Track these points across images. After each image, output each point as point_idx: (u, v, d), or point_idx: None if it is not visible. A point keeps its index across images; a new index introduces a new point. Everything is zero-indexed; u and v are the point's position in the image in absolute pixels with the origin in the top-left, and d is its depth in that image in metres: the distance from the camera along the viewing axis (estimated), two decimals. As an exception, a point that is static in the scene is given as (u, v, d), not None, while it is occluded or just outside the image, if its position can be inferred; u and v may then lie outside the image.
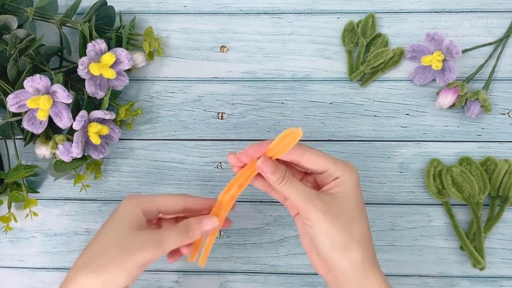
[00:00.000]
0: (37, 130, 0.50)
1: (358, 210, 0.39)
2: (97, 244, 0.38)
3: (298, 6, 0.60)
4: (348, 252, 0.38)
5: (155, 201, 0.40)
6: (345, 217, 0.38)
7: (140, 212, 0.39)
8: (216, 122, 0.57)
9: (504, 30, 0.58)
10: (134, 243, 0.37)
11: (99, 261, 0.37)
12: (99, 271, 0.36)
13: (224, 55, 0.59)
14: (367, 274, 0.38)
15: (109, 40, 0.56)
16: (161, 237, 0.38)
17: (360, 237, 0.39)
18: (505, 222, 0.53)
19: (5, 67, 0.51)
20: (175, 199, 0.41)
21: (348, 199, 0.39)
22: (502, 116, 0.56)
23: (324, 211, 0.38)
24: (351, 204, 0.39)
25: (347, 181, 0.39)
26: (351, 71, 0.57)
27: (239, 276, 0.54)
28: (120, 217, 0.39)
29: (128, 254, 0.37)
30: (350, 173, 0.39)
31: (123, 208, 0.40)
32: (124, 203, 0.40)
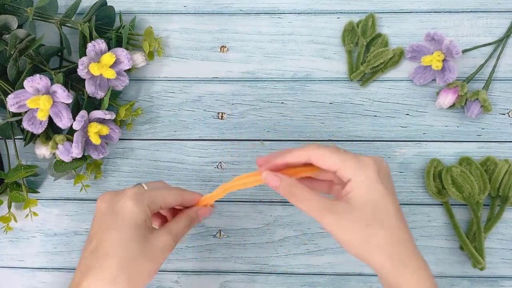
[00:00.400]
0: (37, 130, 0.50)
1: (379, 214, 0.36)
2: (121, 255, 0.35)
3: (298, 6, 0.60)
4: (373, 260, 0.36)
5: (157, 201, 0.39)
6: (361, 226, 0.35)
7: (149, 212, 0.38)
8: (216, 122, 0.57)
9: (504, 30, 0.58)
10: (156, 249, 0.37)
11: (129, 274, 0.35)
12: (129, 283, 0.35)
13: (224, 55, 0.59)
14: (403, 277, 0.35)
15: (109, 40, 0.56)
16: (176, 235, 0.39)
17: (385, 243, 0.35)
18: (505, 222, 0.53)
19: (5, 67, 0.51)
20: (175, 196, 0.41)
21: (365, 205, 0.36)
22: (502, 116, 0.56)
23: (335, 225, 0.36)
24: (369, 213, 0.36)
25: (358, 183, 0.36)
26: (351, 71, 0.57)
27: (239, 276, 0.54)
28: (136, 222, 0.37)
29: (152, 262, 0.37)
30: (362, 172, 0.36)
31: (132, 212, 0.37)
32: (132, 207, 0.37)
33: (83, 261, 0.37)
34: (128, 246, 0.36)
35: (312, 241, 0.54)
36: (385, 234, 0.36)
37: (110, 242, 0.36)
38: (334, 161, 0.37)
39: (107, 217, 0.38)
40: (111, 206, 0.38)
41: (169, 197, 0.40)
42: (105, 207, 0.38)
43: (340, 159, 0.37)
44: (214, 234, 0.55)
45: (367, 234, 0.35)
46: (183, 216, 0.41)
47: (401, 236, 0.36)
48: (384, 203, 0.36)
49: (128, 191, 0.39)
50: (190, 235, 0.54)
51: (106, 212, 0.38)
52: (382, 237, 0.35)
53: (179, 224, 0.40)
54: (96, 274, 0.35)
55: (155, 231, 0.38)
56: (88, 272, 0.35)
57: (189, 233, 0.54)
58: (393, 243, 0.36)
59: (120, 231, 0.36)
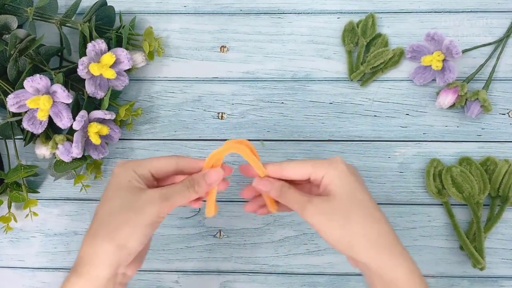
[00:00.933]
0: (37, 130, 0.50)
1: (355, 202, 0.38)
2: (103, 211, 0.37)
3: (298, 6, 0.60)
4: (355, 248, 0.37)
5: (146, 163, 0.39)
6: (341, 216, 0.37)
7: (135, 174, 0.38)
8: (216, 122, 0.57)
9: (504, 30, 0.58)
10: (141, 201, 0.37)
11: (109, 226, 0.36)
12: (110, 236, 0.36)
13: (224, 55, 0.59)
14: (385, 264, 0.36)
15: (109, 40, 0.56)
16: (167, 192, 0.38)
17: (365, 230, 0.37)
18: (505, 222, 0.53)
19: (5, 67, 0.51)
20: (167, 160, 0.40)
21: (340, 194, 0.38)
22: (502, 116, 0.56)
23: (317, 215, 0.38)
24: (345, 200, 0.38)
25: (332, 178, 0.38)
26: (351, 71, 0.57)
27: (239, 276, 0.54)
28: (119, 182, 0.38)
29: (136, 213, 0.36)
30: (333, 169, 0.38)
31: (117, 174, 0.38)
32: (117, 170, 0.38)
33: None
34: (108, 203, 0.37)
35: (312, 241, 0.54)
36: (363, 220, 0.37)
37: (98, 206, 0.38)
38: (305, 168, 0.39)
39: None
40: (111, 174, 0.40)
41: (157, 161, 0.39)
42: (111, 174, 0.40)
43: (310, 165, 0.39)
44: (214, 234, 0.55)
45: (345, 220, 0.37)
46: (182, 183, 0.39)
47: (381, 223, 0.37)
48: (359, 193, 0.38)
49: (119, 160, 0.40)
50: (190, 235, 0.54)
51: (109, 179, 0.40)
52: (361, 222, 0.37)
53: (174, 186, 0.39)
54: (85, 236, 0.37)
55: (144, 189, 0.38)
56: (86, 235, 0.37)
57: (189, 233, 0.54)
58: (379, 233, 0.37)
59: (105, 193, 0.38)
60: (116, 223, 0.36)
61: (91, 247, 0.36)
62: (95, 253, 0.36)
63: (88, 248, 0.36)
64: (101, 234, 0.36)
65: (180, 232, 0.55)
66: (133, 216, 0.36)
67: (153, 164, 0.39)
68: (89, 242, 0.36)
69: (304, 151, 0.56)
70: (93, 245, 0.36)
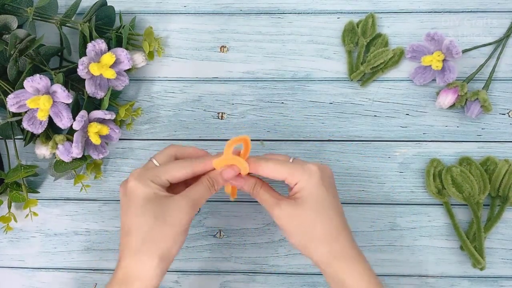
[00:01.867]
0: (37, 130, 0.50)
1: (320, 210, 0.41)
2: (139, 227, 0.39)
3: (298, 6, 0.60)
4: (313, 251, 0.41)
5: (164, 173, 0.41)
6: (303, 223, 0.41)
7: (156, 185, 0.40)
8: (216, 122, 0.57)
9: (504, 30, 0.58)
10: (173, 212, 0.39)
11: (150, 242, 0.38)
12: (153, 251, 0.38)
13: (224, 55, 0.59)
14: (341, 268, 0.40)
15: (109, 40, 0.56)
16: (194, 197, 0.41)
17: (324, 236, 0.41)
18: (505, 222, 0.53)
19: (5, 67, 0.51)
20: (183, 168, 0.42)
21: (307, 202, 0.41)
22: (502, 116, 0.56)
23: (282, 218, 0.41)
24: (311, 207, 0.41)
25: (304, 186, 0.41)
26: (351, 71, 0.57)
27: (239, 276, 0.54)
28: (145, 196, 0.39)
29: (173, 225, 0.39)
30: (308, 178, 0.41)
31: (137, 188, 0.39)
32: (135, 185, 0.40)
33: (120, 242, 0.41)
34: (142, 220, 0.39)
35: (312, 241, 0.54)
36: (324, 227, 0.41)
37: (130, 221, 0.39)
38: (281, 173, 0.42)
39: (123, 199, 0.41)
40: (123, 189, 0.41)
41: (174, 170, 0.41)
42: (121, 191, 0.41)
43: (287, 170, 0.42)
44: (214, 234, 0.55)
45: (308, 226, 0.41)
46: (200, 182, 0.42)
47: (339, 231, 0.41)
48: (326, 202, 0.41)
49: (133, 172, 0.41)
50: (190, 235, 0.54)
51: (122, 196, 0.41)
52: (321, 229, 0.41)
53: (196, 190, 0.41)
54: (126, 252, 0.39)
55: (172, 198, 0.40)
56: (122, 252, 0.40)
57: (189, 233, 0.54)
58: (332, 236, 0.41)
59: (133, 209, 0.39)
60: (156, 238, 0.38)
61: (137, 262, 0.38)
62: (143, 268, 0.38)
63: (134, 264, 0.38)
64: (144, 250, 0.38)
65: (180, 232, 0.55)
66: (170, 229, 0.39)
67: (171, 174, 0.41)
68: (133, 257, 0.38)
69: (304, 151, 0.56)
70: (139, 260, 0.38)
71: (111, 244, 0.55)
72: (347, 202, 0.55)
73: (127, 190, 0.40)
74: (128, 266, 0.38)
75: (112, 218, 0.55)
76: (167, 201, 0.39)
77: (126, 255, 0.39)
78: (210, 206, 0.55)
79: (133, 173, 0.41)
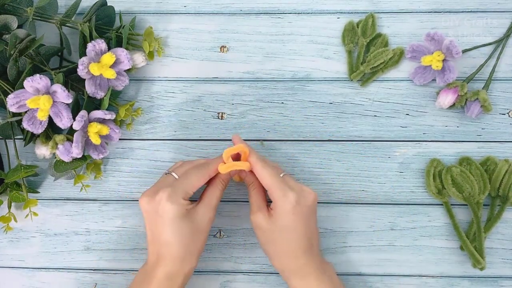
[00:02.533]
0: (37, 130, 0.50)
1: (284, 231, 0.46)
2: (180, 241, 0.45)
3: (298, 6, 0.60)
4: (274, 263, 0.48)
5: (189, 191, 0.46)
6: (270, 235, 0.46)
7: (185, 201, 0.46)
8: (216, 122, 0.57)
9: (504, 30, 0.58)
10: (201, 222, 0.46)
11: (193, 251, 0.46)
12: (195, 256, 0.47)
13: (224, 55, 0.59)
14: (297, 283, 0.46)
15: (109, 40, 0.56)
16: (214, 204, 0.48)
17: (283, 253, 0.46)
18: (505, 222, 0.53)
19: (5, 67, 0.51)
20: (204, 177, 0.47)
21: (277, 222, 0.46)
22: (502, 116, 0.56)
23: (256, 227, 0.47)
24: (278, 226, 0.46)
25: (278, 209, 0.46)
26: (351, 71, 0.57)
27: (239, 276, 0.54)
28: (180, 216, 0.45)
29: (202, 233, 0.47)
30: (282, 204, 0.45)
31: (172, 210, 0.44)
32: (170, 208, 0.44)
33: (151, 250, 0.47)
34: (182, 233, 0.45)
35: (312, 241, 0.54)
36: (284, 246, 0.46)
37: (167, 236, 0.45)
38: (266, 185, 0.47)
39: (154, 216, 0.45)
40: (153, 207, 0.45)
41: (198, 182, 0.47)
42: (148, 208, 0.46)
43: (270, 185, 0.46)
44: (214, 234, 0.55)
45: (272, 241, 0.47)
46: (215, 187, 0.48)
47: (300, 252, 0.46)
48: (291, 227, 0.46)
49: (163, 194, 0.45)
50: (190, 235, 0.54)
51: (151, 212, 0.46)
52: (282, 247, 0.46)
53: (214, 195, 0.48)
54: (169, 258, 0.45)
55: (197, 209, 0.46)
56: (160, 259, 0.45)
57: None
58: (290, 255, 0.46)
59: (171, 226, 0.45)
60: (195, 246, 0.46)
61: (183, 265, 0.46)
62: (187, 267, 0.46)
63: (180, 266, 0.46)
64: (189, 257, 0.46)
65: (180, 232, 0.55)
66: (202, 235, 0.47)
67: (195, 186, 0.47)
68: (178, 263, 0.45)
69: (304, 151, 0.56)
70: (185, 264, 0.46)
71: (111, 244, 0.55)
72: (347, 202, 0.55)
73: (159, 210, 0.45)
74: (173, 269, 0.45)
75: (112, 218, 0.55)
76: (196, 214, 0.46)
77: (170, 261, 0.45)
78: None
79: (164, 193, 0.45)
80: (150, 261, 0.46)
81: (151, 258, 0.46)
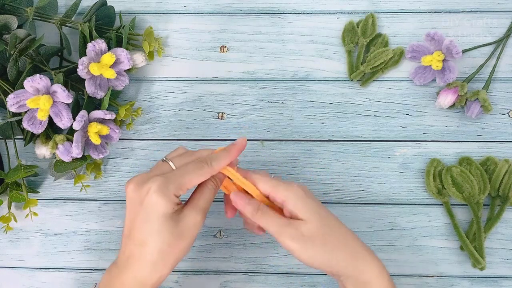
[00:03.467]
0: (37, 130, 0.50)
1: (325, 224, 0.41)
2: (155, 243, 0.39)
3: (298, 6, 0.60)
4: (336, 258, 0.40)
5: (184, 187, 0.40)
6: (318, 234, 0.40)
7: (177, 198, 0.40)
8: (216, 122, 0.57)
9: (504, 30, 0.58)
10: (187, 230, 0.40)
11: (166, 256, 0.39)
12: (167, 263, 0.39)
13: (224, 55, 0.59)
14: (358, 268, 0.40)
15: (109, 40, 0.56)
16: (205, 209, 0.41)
17: (340, 239, 0.41)
18: (505, 222, 0.53)
19: (5, 67, 0.51)
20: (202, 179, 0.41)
21: (310, 220, 0.40)
22: (502, 116, 0.56)
23: (298, 239, 0.40)
24: (317, 223, 0.40)
25: (293, 203, 0.41)
26: (351, 71, 0.57)
27: (239, 276, 0.54)
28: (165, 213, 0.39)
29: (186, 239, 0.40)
30: (292, 192, 0.41)
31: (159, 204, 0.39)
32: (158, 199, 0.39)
33: (123, 246, 0.41)
34: (161, 235, 0.39)
35: (312, 241, 0.54)
36: (339, 239, 0.41)
37: (146, 233, 0.39)
38: (265, 188, 0.42)
39: (136, 206, 0.39)
40: (139, 197, 0.39)
41: (196, 179, 0.41)
42: (134, 196, 0.40)
43: (269, 185, 0.42)
44: (214, 234, 0.55)
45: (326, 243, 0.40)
46: (207, 188, 0.42)
47: (351, 236, 0.42)
48: (323, 212, 0.41)
49: (153, 184, 0.39)
50: (190, 235, 0.54)
51: (135, 201, 0.40)
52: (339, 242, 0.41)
53: (205, 198, 0.42)
54: (139, 262, 0.39)
55: (184, 211, 0.40)
56: (130, 260, 0.40)
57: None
58: (351, 245, 0.41)
59: (152, 223, 0.39)
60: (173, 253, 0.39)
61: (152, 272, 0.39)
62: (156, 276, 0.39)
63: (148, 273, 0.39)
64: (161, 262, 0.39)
65: (180, 232, 0.55)
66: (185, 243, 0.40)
67: (192, 183, 0.41)
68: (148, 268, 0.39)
69: (304, 151, 0.56)
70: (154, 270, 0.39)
71: (111, 244, 0.55)
72: (347, 202, 0.55)
73: (144, 201, 0.39)
74: (141, 274, 0.39)
75: (112, 218, 0.55)
76: (182, 217, 0.40)
77: (138, 265, 0.39)
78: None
79: (154, 183, 0.39)
80: (120, 260, 0.41)
81: (121, 257, 0.40)
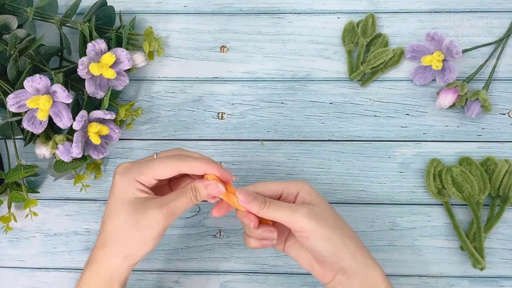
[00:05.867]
0: (37, 130, 0.50)
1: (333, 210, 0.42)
2: (111, 227, 0.39)
3: (298, 6, 0.60)
4: (348, 247, 0.40)
5: (149, 171, 0.40)
6: (330, 217, 0.41)
7: (139, 184, 0.40)
8: (216, 122, 0.57)
9: (504, 30, 0.58)
10: (146, 220, 0.39)
11: (117, 240, 0.39)
12: (119, 250, 0.39)
13: (224, 55, 0.59)
14: (367, 265, 0.40)
15: (109, 40, 0.56)
16: (171, 210, 0.39)
17: (349, 231, 0.42)
18: (505, 222, 0.53)
19: (5, 67, 0.51)
20: (169, 166, 0.40)
21: (323, 205, 0.41)
22: (502, 116, 0.56)
23: (313, 216, 0.39)
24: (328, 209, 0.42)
25: (308, 192, 0.42)
26: (351, 71, 0.57)
27: (239, 276, 0.54)
28: (123, 196, 0.39)
29: (144, 230, 0.39)
30: (307, 186, 0.42)
31: (120, 185, 0.40)
32: (119, 181, 0.40)
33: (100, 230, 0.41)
34: (116, 219, 0.39)
35: (312, 241, 0.54)
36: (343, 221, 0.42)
37: (106, 213, 0.40)
38: (277, 187, 0.42)
39: (111, 188, 0.41)
40: (112, 179, 0.41)
41: (160, 169, 0.40)
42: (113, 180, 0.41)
43: (281, 184, 0.42)
44: (214, 234, 0.55)
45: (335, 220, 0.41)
46: (182, 196, 0.40)
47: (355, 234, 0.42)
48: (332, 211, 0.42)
49: (119, 166, 0.41)
50: (190, 235, 0.54)
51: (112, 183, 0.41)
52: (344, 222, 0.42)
53: (175, 202, 0.40)
54: (98, 241, 0.40)
55: (148, 203, 0.39)
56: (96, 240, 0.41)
57: (189, 233, 0.54)
58: (356, 245, 0.41)
59: (111, 203, 0.40)
60: (125, 240, 0.39)
61: (102, 254, 0.40)
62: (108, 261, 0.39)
63: (100, 254, 0.40)
64: (112, 247, 0.39)
65: (180, 232, 0.55)
66: (141, 234, 0.39)
67: (156, 172, 0.40)
68: (101, 249, 0.40)
69: (304, 151, 0.56)
70: (104, 253, 0.39)
71: (111, 244, 0.55)
72: (347, 202, 0.55)
73: (113, 181, 0.40)
74: (97, 254, 0.40)
75: (112, 218, 0.55)
76: (144, 208, 0.39)
77: (97, 243, 0.40)
78: (210, 206, 0.55)
79: (121, 166, 0.41)
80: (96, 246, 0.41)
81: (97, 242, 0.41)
